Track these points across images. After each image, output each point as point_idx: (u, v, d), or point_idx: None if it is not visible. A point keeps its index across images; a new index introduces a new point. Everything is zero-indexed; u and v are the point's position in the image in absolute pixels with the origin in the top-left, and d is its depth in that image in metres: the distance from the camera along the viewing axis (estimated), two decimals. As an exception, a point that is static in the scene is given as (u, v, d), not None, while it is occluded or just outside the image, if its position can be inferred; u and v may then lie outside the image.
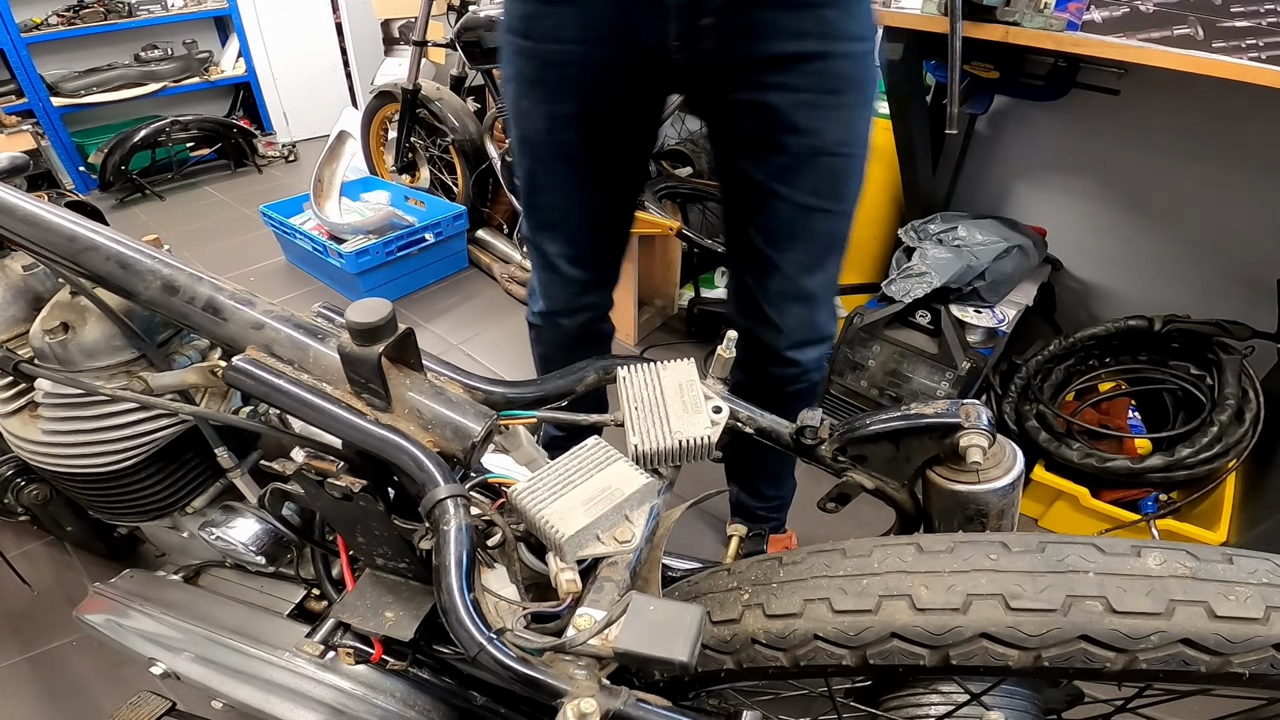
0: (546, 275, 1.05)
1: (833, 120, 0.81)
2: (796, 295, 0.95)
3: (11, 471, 0.91)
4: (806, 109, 0.80)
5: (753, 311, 0.98)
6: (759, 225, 0.91)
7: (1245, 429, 1.28)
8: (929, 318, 1.55)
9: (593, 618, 0.41)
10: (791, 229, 0.89)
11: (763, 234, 0.91)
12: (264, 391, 0.48)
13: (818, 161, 0.84)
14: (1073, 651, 0.38)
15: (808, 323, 0.98)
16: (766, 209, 0.89)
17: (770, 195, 0.87)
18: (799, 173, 0.84)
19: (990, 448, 0.50)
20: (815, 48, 0.76)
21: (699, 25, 0.76)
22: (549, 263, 1.02)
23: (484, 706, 0.68)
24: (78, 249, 0.52)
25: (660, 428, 0.52)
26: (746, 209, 0.92)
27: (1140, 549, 0.40)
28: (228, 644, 0.73)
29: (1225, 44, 1.12)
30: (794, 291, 0.94)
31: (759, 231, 0.91)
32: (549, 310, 1.08)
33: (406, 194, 2.59)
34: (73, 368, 0.66)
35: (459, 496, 0.44)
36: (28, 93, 2.94)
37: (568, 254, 1.00)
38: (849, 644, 0.43)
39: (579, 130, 0.87)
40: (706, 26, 0.76)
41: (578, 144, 0.88)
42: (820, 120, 0.81)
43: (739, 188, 0.91)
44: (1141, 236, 1.71)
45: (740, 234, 0.94)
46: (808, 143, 0.82)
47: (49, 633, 1.25)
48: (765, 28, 0.75)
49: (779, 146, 0.83)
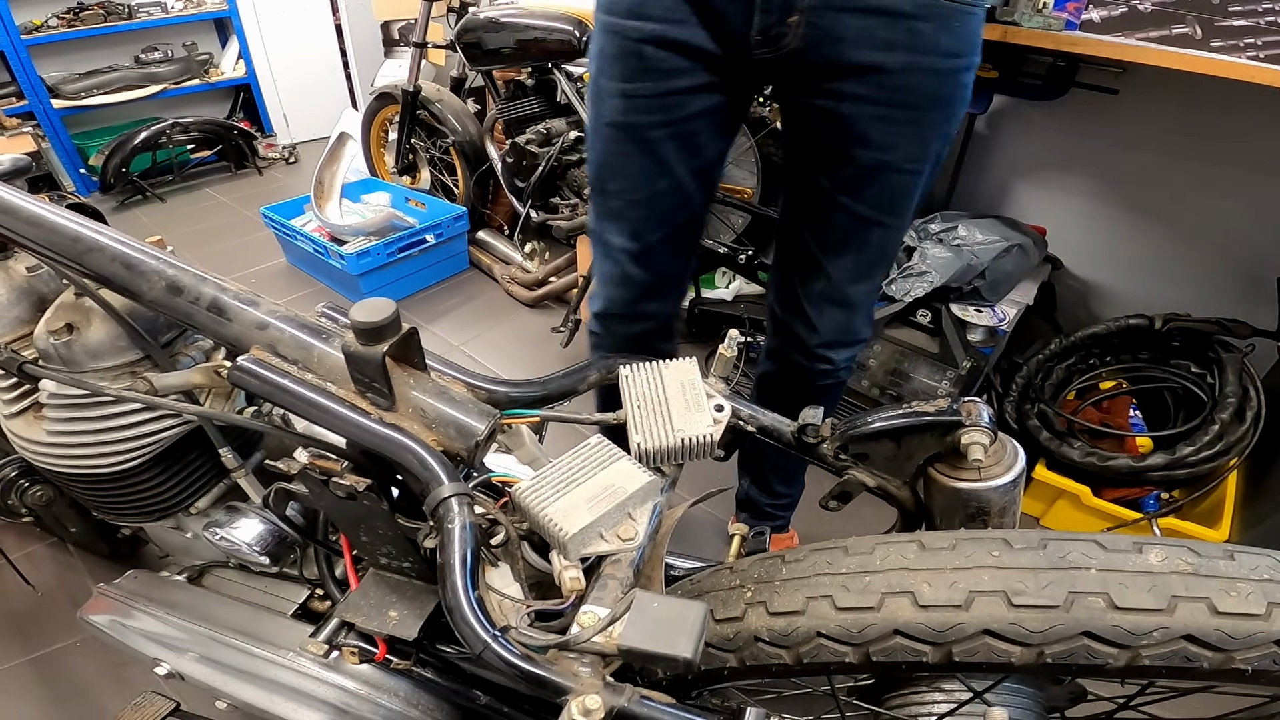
0: (607, 267, 1.00)
1: (905, 136, 0.79)
2: (838, 300, 0.96)
3: (15, 473, 0.92)
4: (881, 123, 0.78)
5: (793, 308, 0.99)
6: (815, 230, 0.91)
7: (1246, 427, 1.28)
8: (929, 317, 1.55)
9: (597, 615, 0.41)
10: (846, 239, 0.90)
11: (817, 240, 0.92)
12: (269, 391, 0.49)
13: (884, 176, 0.82)
14: (1075, 648, 0.38)
15: (844, 326, 0.99)
16: (826, 217, 0.89)
17: (832, 205, 0.86)
18: (864, 186, 0.84)
19: (991, 445, 0.50)
20: (900, 61, 0.74)
21: (786, 23, 0.73)
22: (611, 255, 0.98)
23: (487, 706, 0.68)
24: (83, 250, 0.52)
25: (663, 426, 0.52)
26: (805, 212, 0.92)
27: (1142, 545, 0.41)
28: (232, 644, 0.73)
29: (1223, 43, 1.12)
30: (836, 297, 0.95)
31: (814, 237, 0.92)
32: (607, 312, 1.04)
33: (407, 195, 2.60)
34: (77, 368, 0.66)
35: (463, 495, 0.44)
36: (28, 95, 2.94)
37: (631, 249, 0.95)
38: (852, 641, 0.43)
39: (653, 113, 0.83)
40: (792, 25, 0.73)
41: (651, 127, 0.84)
42: (893, 135, 0.79)
43: (802, 191, 0.91)
44: (1141, 235, 1.71)
45: (794, 234, 0.95)
46: (877, 157, 0.80)
47: (52, 634, 1.25)
48: (853, 34, 0.73)
49: (848, 158, 0.82)
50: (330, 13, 3.79)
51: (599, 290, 1.04)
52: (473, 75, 2.58)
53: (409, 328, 0.48)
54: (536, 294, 2.34)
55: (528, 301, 2.35)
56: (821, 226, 0.90)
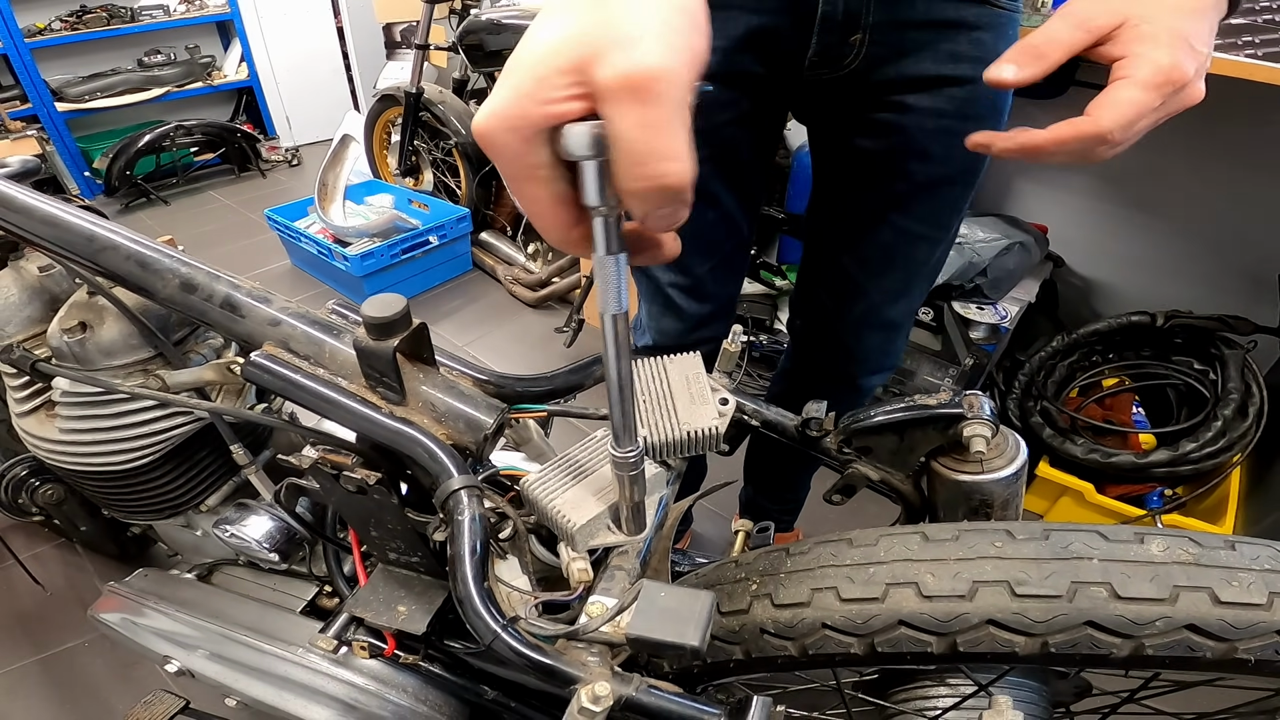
0: (658, 308, 0.96)
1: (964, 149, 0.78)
2: (879, 323, 0.90)
3: (26, 472, 0.92)
4: (945, 135, 0.75)
5: (824, 337, 0.93)
6: (855, 250, 0.86)
7: (1249, 423, 1.28)
8: (932, 315, 1.56)
9: (605, 605, 0.42)
10: (890, 256, 0.85)
11: (858, 259, 0.86)
12: (281, 386, 0.49)
13: (939, 191, 0.79)
14: (1079, 638, 0.39)
15: (883, 350, 0.93)
16: (870, 235, 0.84)
17: (878, 222, 0.82)
18: (916, 201, 0.80)
19: (993, 438, 0.51)
20: (967, 72, 0.71)
21: (848, 42, 0.70)
22: (661, 293, 0.94)
23: (495, 701, 0.68)
24: (97, 248, 0.53)
25: (668, 420, 0.52)
26: (844, 233, 0.87)
27: (1143, 536, 0.41)
28: (241, 640, 0.74)
29: (1222, 41, 1.13)
30: (876, 320, 0.90)
31: (854, 257, 0.86)
32: (658, 345, 0.98)
33: (410, 197, 2.61)
34: (91, 366, 0.67)
35: (473, 487, 0.45)
36: (32, 98, 2.96)
37: (682, 284, 0.91)
38: (857, 632, 0.43)
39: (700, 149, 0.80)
40: (854, 44, 0.70)
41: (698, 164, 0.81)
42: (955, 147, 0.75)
43: (841, 211, 0.86)
44: (1142, 232, 1.72)
45: (828, 257, 0.89)
46: (936, 171, 0.77)
47: (61, 634, 1.26)
48: (918, 48, 0.70)
49: (902, 173, 0.78)
50: (332, 15, 3.81)
51: (647, 324, 1.00)
52: (475, 77, 2.59)
53: (419, 323, 0.49)
54: (540, 295, 2.34)
55: (531, 302, 2.36)
56: (864, 246, 0.85)
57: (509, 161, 0.31)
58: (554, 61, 0.29)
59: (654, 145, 0.28)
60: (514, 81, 0.29)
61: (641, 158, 0.28)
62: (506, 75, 0.30)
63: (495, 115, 0.30)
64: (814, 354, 0.97)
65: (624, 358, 0.37)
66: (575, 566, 0.46)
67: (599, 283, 0.33)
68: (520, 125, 0.29)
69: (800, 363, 1.04)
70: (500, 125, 0.30)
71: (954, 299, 1.58)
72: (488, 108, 0.30)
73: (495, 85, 0.31)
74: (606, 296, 0.34)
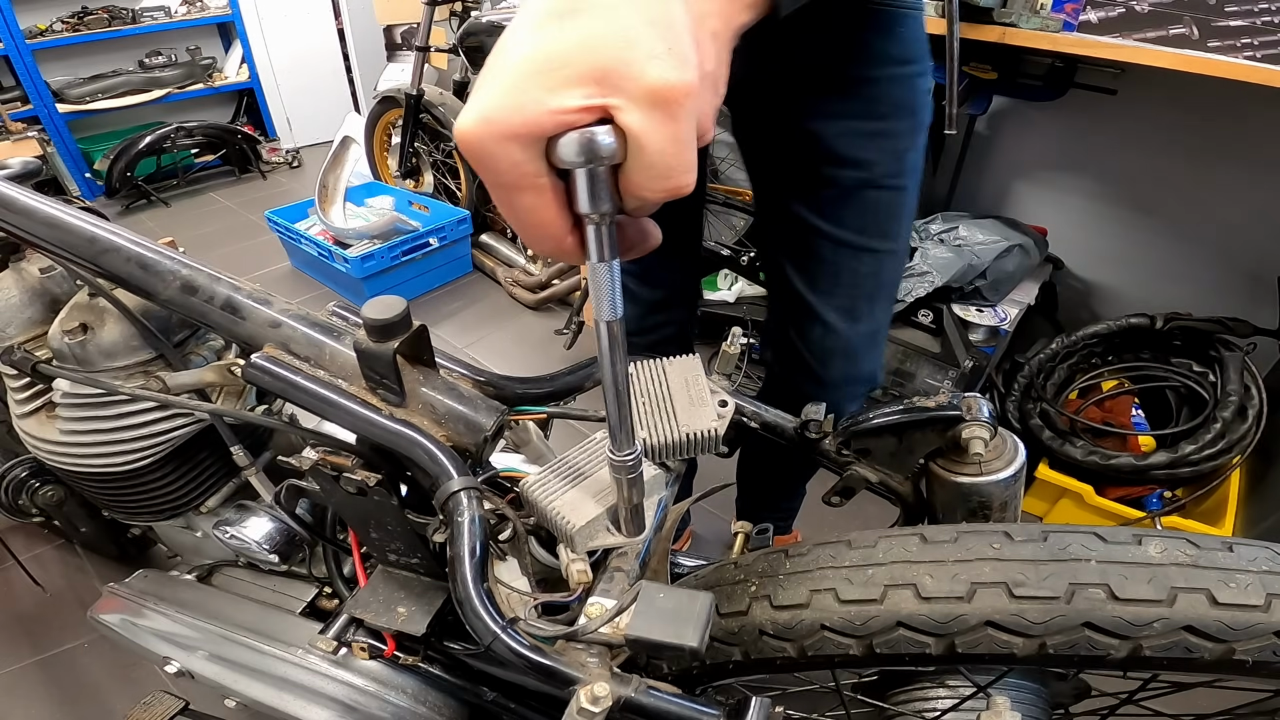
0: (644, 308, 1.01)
1: (878, 149, 0.76)
2: (840, 349, 0.88)
3: (26, 473, 0.93)
4: (851, 137, 0.74)
5: (792, 361, 0.92)
6: (799, 266, 0.85)
7: (1249, 425, 1.28)
8: (931, 317, 1.56)
9: (604, 606, 0.42)
10: (834, 271, 0.83)
11: (803, 276, 0.85)
12: (282, 388, 0.49)
13: (864, 195, 0.78)
14: (1077, 639, 0.39)
15: (851, 376, 0.91)
16: (807, 248, 0.82)
17: (811, 232, 0.81)
18: (843, 207, 0.79)
19: (992, 440, 0.51)
20: (857, 72, 0.71)
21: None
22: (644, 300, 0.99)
23: (494, 702, 0.69)
24: (98, 250, 0.53)
25: (667, 421, 0.53)
26: (786, 248, 0.86)
27: (1141, 537, 0.41)
28: (241, 641, 0.74)
29: (1220, 43, 1.13)
30: (837, 345, 0.88)
31: (799, 273, 0.85)
32: None
33: (410, 199, 2.61)
34: (91, 368, 0.67)
35: (472, 489, 0.45)
36: (33, 99, 2.96)
37: (631, 269, 0.94)
38: (856, 633, 0.43)
39: None
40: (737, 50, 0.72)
41: None
42: (866, 150, 0.75)
43: (779, 224, 0.85)
44: (1142, 235, 1.72)
45: (780, 276, 0.88)
46: (853, 175, 0.76)
47: (60, 635, 1.26)
48: (799, 50, 0.70)
49: (822, 179, 0.77)
50: (333, 17, 3.81)
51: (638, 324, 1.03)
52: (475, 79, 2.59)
53: (419, 325, 0.49)
54: (540, 296, 2.35)
55: (531, 304, 2.36)
56: (804, 260, 0.84)
57: (505, 171, 0.29)
58: (568, 69, 0.27)
59: (682, 158, 0.28)
60: (511, 85, 0.28)
61: (668, 170, 0.28)
62: (496, 78, 0.28)
63: (489, 122, 0.28)
64: (787, 385, 0.96)
65: (619, 362, 0.37)
66: (574, 568, 0.46)
67: (593, 289, 0.33)
68: (523, 133, 0.28)
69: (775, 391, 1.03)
70: (497, 132, 0.28)
71: (953, 301, 1.58)
72: (477, 113, 0.28)
73: (479, 88, 0.28)
74: (601, 303, 0.34)
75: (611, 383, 0.38)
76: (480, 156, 0.29)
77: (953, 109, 1.27)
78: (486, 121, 0.28)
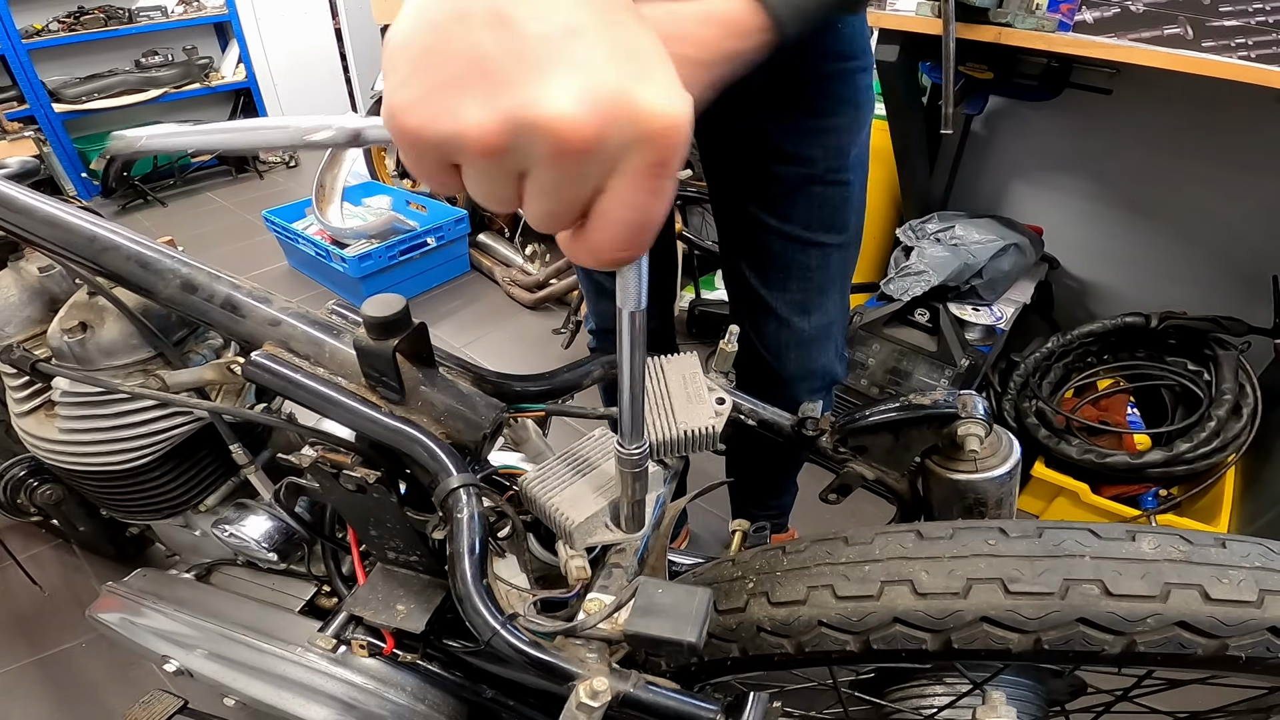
0: (592, 293, 1.05)
1: (821, 145, 0.76)
2: (794, 341, 0.89)
3: (24, 472, 0.92)
4: (795, 134, 0.75)
5: (750, 357, 0.93)
6: (752, 263, 0.86)
7: (1243, 424, 1.29)
8: (927, 316, 1.57)
9: (602, 601, 0.42)
10: (784, 266, 0.84)
11: (756, 272, 0.86)
12: (282, 386, 0.50)
13: (809, 191, 0.78)
14: (1071, 635, 0.39)
15: (808, 370, 0.92)
16: (758, 244, 0.84)
17: (761, 229, 0.82)
18: (789, 203, 0.80)
19: (987, 437, 0.52)
20: (801, 68, 0.71)
21: None
22: (591, 279, 1.02)
23: (493, 700, 0.69)
24: (98, 249, 0.53)
25: (665, 419, 0.53)
26: (740, 245, 0.87)
27: (1135, 534, 0.41)
28: (240, 640, 0.74)
29: (1215, 43, 1.14)
30: (791, 338, 0.89)
31: (752, 269, 0.86)
32: (601, 328, 1.08)
33: (408, 198, 2.61)
34: (91, 366, 0.67)
35: (472, 485, 0.45)
36: (29, 99, 2.95)
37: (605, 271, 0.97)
38: (853, 629, 0.43)
39: None
40: None
41: None
42: (810, 146, 0.76)
43: (732, 222, 0.86)
44: (1137, 234, 1.73)
45: (736, 273, 0.89)
46: (797, 171, 0.77)
47: (58, 634, 1.26)
48: None
49: (769, 175, 0.78)
50: (330, 17, 3.81)
51: (589, 308, 1.07)
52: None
53: (419, 323, 0.49)
54: (537, 296, 2.35)
55: (529, 304, 2.37)
56: (755, 256, 0.85)
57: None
58: None
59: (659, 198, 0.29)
60: None
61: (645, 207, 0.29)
62: None
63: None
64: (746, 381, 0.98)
65: (639, 354, 0.36)
66: (573, 564, 0.46)
67: (619, 279, 0.33)
68: None
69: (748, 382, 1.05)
70: None
71: (949, 300, 1.59)
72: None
73: None
74: (626, 293, 0.33)
75: (628, 374, 0.37)
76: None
77: (949, 109, 1.27)
78: None
